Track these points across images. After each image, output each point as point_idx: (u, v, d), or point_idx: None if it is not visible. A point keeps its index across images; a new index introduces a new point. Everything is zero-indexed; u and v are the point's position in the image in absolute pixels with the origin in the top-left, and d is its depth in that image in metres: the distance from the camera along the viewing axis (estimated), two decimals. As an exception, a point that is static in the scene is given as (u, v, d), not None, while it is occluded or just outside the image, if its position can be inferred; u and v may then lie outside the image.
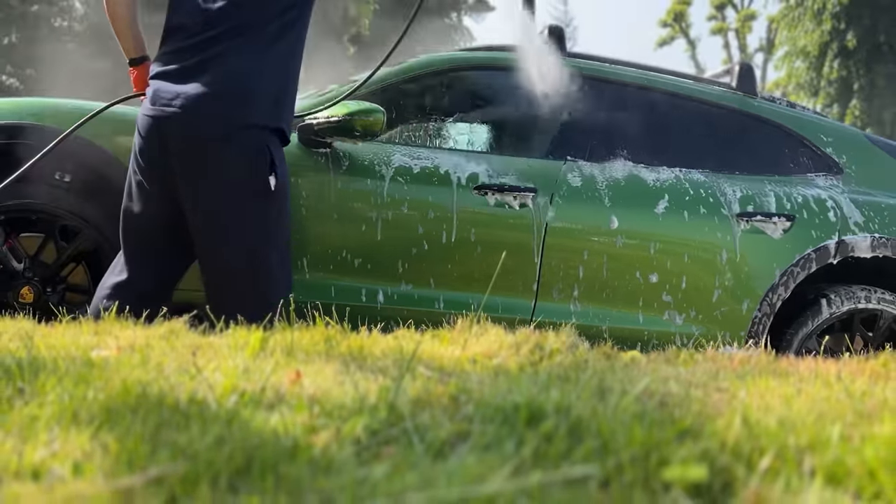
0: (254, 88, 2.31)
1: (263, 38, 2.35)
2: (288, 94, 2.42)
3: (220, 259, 2.36)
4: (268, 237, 2.37)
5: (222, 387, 1.17)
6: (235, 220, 2.33)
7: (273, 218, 2.36)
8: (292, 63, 2.42)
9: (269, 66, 2.35)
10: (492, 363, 1.48)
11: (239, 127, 2.29)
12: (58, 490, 0.82)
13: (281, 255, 2.41)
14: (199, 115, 2.27)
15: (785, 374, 1.55)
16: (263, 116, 2.32)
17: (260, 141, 2.31)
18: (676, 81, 3.41)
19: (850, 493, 0.87)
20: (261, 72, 2.33)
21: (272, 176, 2.31)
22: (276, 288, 2.36)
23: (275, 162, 2.32)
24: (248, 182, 2.31)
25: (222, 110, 2.28)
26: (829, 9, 15.59)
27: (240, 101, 2.29)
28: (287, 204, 2.43)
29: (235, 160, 2.29)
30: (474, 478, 0.84)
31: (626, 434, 0.96)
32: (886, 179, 3.41)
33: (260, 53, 2.34)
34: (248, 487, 0.85)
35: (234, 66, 2.31)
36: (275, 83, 2.36)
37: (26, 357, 1.33)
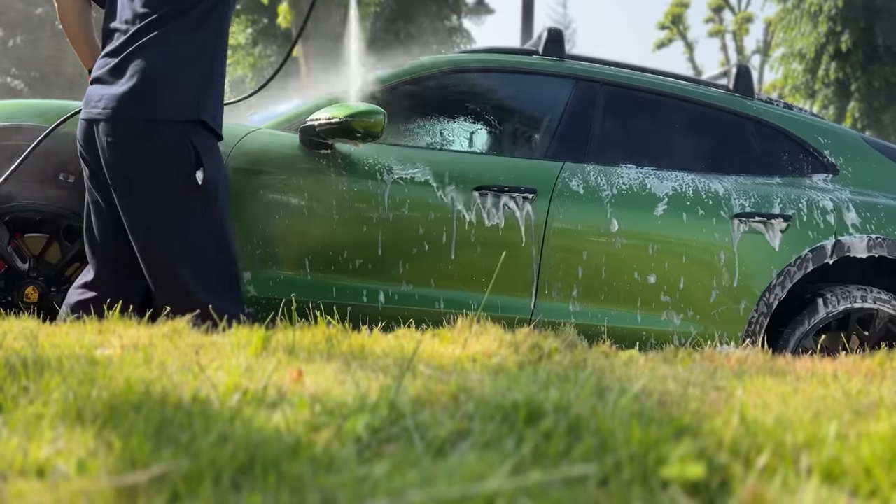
0: (169, 83, 2.29)
1: (178, 30, 2.32)
2: (211, 85, 2.37)
3: (150, 259, 2.34)
4: (199, 234, 2.33)
5: (225, 385, 1.17)
6: (159, 219, 2.31)
7: (202, 214, 2.32)
8: (213, 53, 2.38)
9: (186, 58, 2.32)
10: (491, 362, 1.48)
11: (156, 123, 2.26)
12: (62, 487, 0.82)
13: (217, 253, 2.36)
14: (119, 116, 2.27)
15: (782, 372, 1.55)
16: (182, 111, 2.29)
17: (181, 136, 2.28)
18: (674, 83, 3.40)
19: (847, 490, 0.87)
20: (176, 66, 2.30)
21: (199, 171, 2.27)
22: (211, 291, 2.32)
23: (200, 156, 2.28)
24: (170, 179, 2.28)
25: (138, 109, 2.26)
26: (826, 11, 15.57)
27: (155, 97, 2.27)
28: (220, 199, 2.37)
29: (155, 158, 2.27)
30: (474, 476, 0.84)
31: (624, 432, 0.96)
32: (882, 180, 3.41)
33: (175, 47, 2.31)
34: (251, 485, 0.85)
35: (149, 62, 2.29)
36: (193, 75, 2.32)
37: (31, 356, 1.33)
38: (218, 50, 2.40)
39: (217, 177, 2.35)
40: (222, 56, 2.43)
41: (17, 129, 2.64)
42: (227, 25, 2.44)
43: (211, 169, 2.32)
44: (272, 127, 2.93)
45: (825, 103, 16.29)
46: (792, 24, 16.76)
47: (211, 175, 2.31)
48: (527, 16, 9.23)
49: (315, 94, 3.24)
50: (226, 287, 2.38)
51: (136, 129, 2.27)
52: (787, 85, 16.98)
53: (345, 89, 2.90)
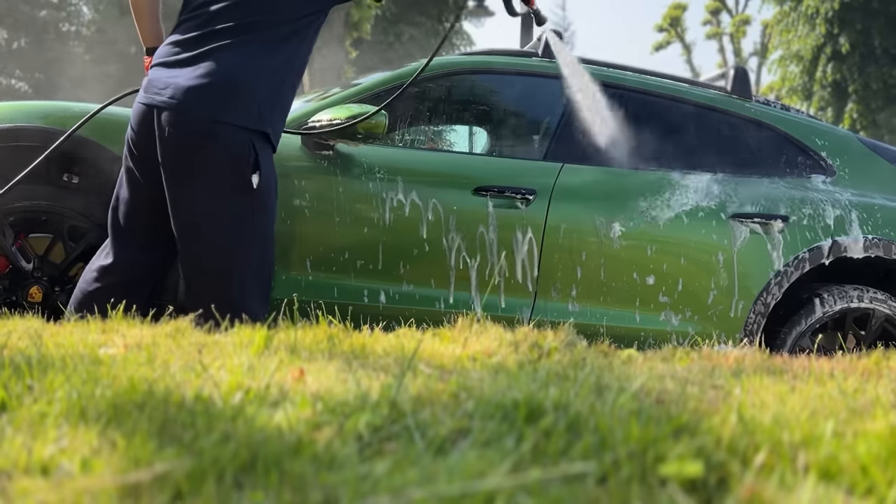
0: (243, 88, 2.26)
1: (261, 40, 2.30)
2: (279, 99, 2.35)
3: (193, 256, 2.32)
4: (245, 238, 2.31)
5: (227, 384, 1.18)
6: (211, 218, 2.29)
7: (252, 219, 2.30)
8: (289, 70, 2.36)
9: (264, 68, 2.30)
10: (491, 361, 1.48)
11: (219, 124, 2.24)
12: (66, 485, 0.82)
13: (258, 261, 2.34)
14: (184, 108, 2.23)
15: (779, 371, 1.55)
16: (249, 118, 2.27)
17: (243, 140, 2.25)
18: (672, 85, 3.40)
19: (844, 488, 0.87)
20: (253, 73, 2.28)
21: (255, 175, 2.26)
22: (246, 296, 2.30)
23: (259, 161, 2.27)
24: (227, 179, 2.26)
25: (205, 106, 2.23)
26: (823, 13, 15.56)
27: (223, 99, 2.24)
28: (269, 209, 2.35)
29: (215, 155, 2.25)
30: (475, 473, 0.84)
31: (623, 431, 0.96)
32: (879, 181, 3.41)
33: (256, 55, 2.29)
34: (253, 483, 0.85)
35: (227, 63, 2.26)
36: (266, 87, 2.30)
37: (35, 355, 1.33)
38: (292, 68, 2.37)
39: (271, 185, 2.33)
40: (297, 75, 2.41)
41: (21, 130, 2.64)
42: (307, 47, 2.41)
43: (266, 175, 2.30)
44: (274, 128, 2.92)
45: (822, 105, 16.28)
46: (789, 26, 16.76)
47: (265, 181, 2.29)
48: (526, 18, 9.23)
49: (317, 96, 3.24)
50: (260, 297, 2.35)
51: (199, 124, 2.23)
52: (785, 87, 16.99)
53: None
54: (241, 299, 2.26)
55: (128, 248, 2.41)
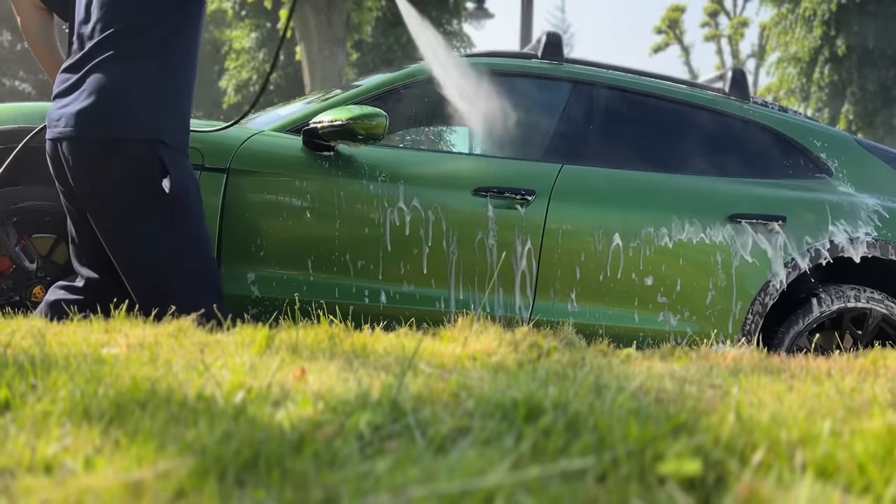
0: (126, 101, 2.25)
1: (137, 49, 2.28)
2: (171, 105, 2.32)
3: (130, 270, 2.32)
4: (172, 241, 2.31)
5: (229, 383, 1.18)
6: (134, 230, 2.29)
7: (174, 221, 2.29)
8: (175, 74, 2.33)
9: (145, 77, 2.28)
10: (491, 360, 1.48)
11: (116, 142, 2.23)
12: (70, 484, 0.82)
13: (192, 259, 2.34)
14: (78, 135, 2.24)
15: (777, 371, 1.55)
16: (139, 130, 2.25)
17: (143, 149, 2.24)
18: (671, 87, 3.41)
19: (841, 486, 0.87)
20: (134, 84, 2.26)
21: (166, 179, 2.24)
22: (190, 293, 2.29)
23: (166, 166, 2.24)
24: (139, 190, 2.25)
25: (97, 127, 2.23)
26: (820, 15, 15.56)
27: (112, 115, 2.23)
28: (191, 209, 2.32)
29: (120, 172, 2.25)
30: (475, 471, 0.84)
31: (622, 429, 0.96)
32: (876, 182, 3.41)
33: (133, 65, 2.27)
34: (255, 481, 0.85)
35: (106, 80, 2.24)
36: (151, 95, 2.28)
37: (39, 354, 1.33)
38: (182, 71, 2.34)
39: (187, 185, 2.31)
40: (187, 77, 2.36)
41: (24, 131, 2.64)
42: (193, 48, 2.37)
43: (178, 178, 2.27)
44: (276, 129, 2.93)
45: (819, 106, 16.28)
46: (787, 28, 16.77)
47: (178, 184, 2.27)
48: (526, 20, 9.24)
49: (318, 98, 3.25)
50: (206, 291, 2.34)
51: (96, 146, 2.24)
52: (782, 88, 16.98)
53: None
54: (184, 298, 2.24)
55: (93, 271, 2.42)
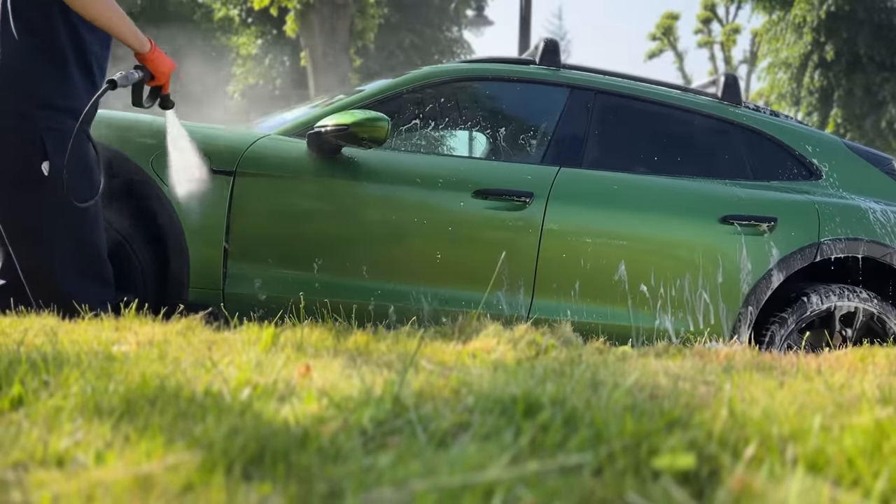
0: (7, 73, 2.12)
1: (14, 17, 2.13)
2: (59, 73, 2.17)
3: (12, 253, 2.23)
4: (53, 224, 2.20)
5: (236, 380, 1.18)
6: (11, 211, 2.19)
7: (50, 207, 2.18)
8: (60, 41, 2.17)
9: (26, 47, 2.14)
10: (490, 358, 1.48)
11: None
12: (81, 477, 0.82)
13: (74, 246, 2.23)
14: None
15: (768, 368, 1.55)
16: (22, 101, 2.12)
17: (24, 128, 2.13)
18: (665, 92, 3.40)
19: (831, 480, 0.87)
20: (14, 55, 2.13)
21: (45, 163, 2.13)
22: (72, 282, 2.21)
23: (46, 148, 2.13)
24: (15, 171, 2.15)
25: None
26: (810, 22, 15.55)
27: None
28: (76, 191, 2.17)
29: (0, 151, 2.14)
30: (475, 466, 0.84)
31: (618, 425, 0.96)
32: (865, 184, 3.41)
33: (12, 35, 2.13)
34: (261, 474, 0.85)
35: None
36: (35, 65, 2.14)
37: (51, 352, 1.33)
38: (66, 38, 2.19)
39: (72, 169, 2.15)
40: (75, 44, 2.21)
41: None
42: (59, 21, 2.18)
43: (58, 160, 2.14)
44: (281, 133, 2.93)
45: (809, 110, 16.28)
46: (778, 35, 16.76)
47: (59, 167, 2.14)
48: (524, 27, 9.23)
49: (322, 102, 3.25)
50: (90, 279, 2.26)
51: None
52: (773, 93, 16.98)
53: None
54: (68, 285, 2.19)
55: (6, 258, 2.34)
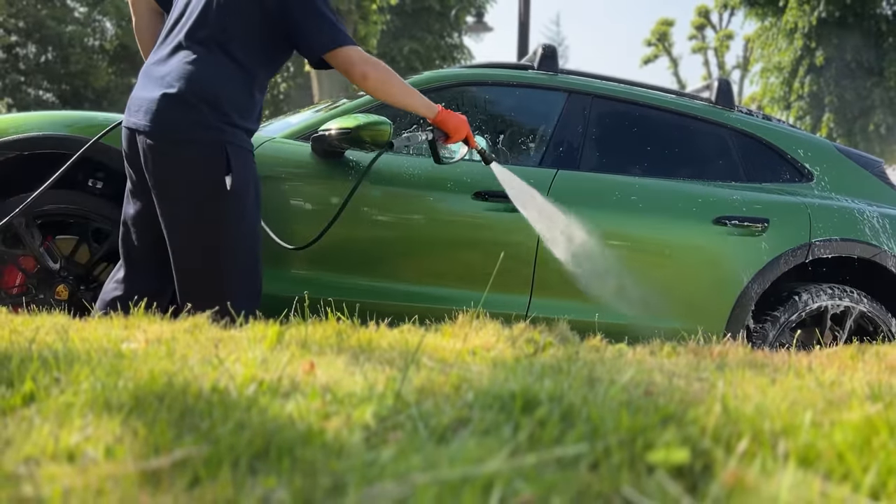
0: (204, 95, 2.22)
1: (219, 48, 2.26)
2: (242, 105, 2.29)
3: (178, 259, 2.29)
4: (225, 238, 2.27)
5: (242, 377, 1.18)
6: (193, 222, 2.26)
7: (230, 219, 2.26)
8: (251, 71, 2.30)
9: (223, 73, 2.25)
10: (490, 355, 1.48)
11: (191, 137, 2.22)
12: (91, 471, 0.82)
13: (244, 260, 2.31)
14: (156, 128, 2.22)
15: (760, 365, 1.55)
16: (214, 121, 2.22)
17: (213, 143, 2.22)
18: (660, 96, 3.40)
19: (821, 474, 0.87)
20: (213, 79, 2.24)
21: (228, 177, 2.22)
22: (235, 290, 2.27)
23: (230, 163, 2.23)
24: (202, 185, 2.23)
25: (176, 121, 2.21)
26: (801, 28, 15.54)
27: (190, 106, 2.21)
28: (248, 208, 2.29)
29: (189, 162, 2.23)
30: (474, 460, 0.84)
31: (613, 420, 0.96)
32: (855, 186, 3.41)
33: (214, 62, 2.25)
34: (267, 469, 0.85)
35: (188, 73, 2.23)
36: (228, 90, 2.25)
37: (62, 349, 1.33)
38: (255, 72, 2.32)
39: (248, 185, 2.29)
40: (262, 74, 2.35)
41: (48, 138, 2.65)
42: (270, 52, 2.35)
43: (241, 177, 2.25)
44: (286, 137, 2.93)
45: (800, 114, 16.27)
46: (770, 40, 16.76)
47: (240, 182, 2.25)
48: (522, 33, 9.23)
49: (326, 106, 3.25)
50: (249, 295, 2.32)
51: (170, 141, 2.22)
52: (766, 97, 16.97)
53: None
54: (229, 297, 2.22)
55: (139, 273, 2.39)
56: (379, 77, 2.37)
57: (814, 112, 16.02)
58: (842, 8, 14.93)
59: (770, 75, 16.86)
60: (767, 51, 16.82)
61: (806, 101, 16.06)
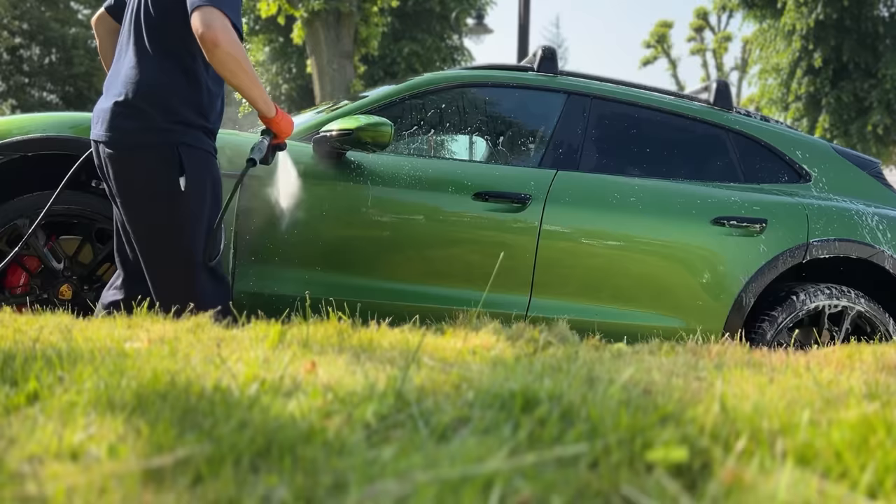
0: (150, 96, 2.22)
1: (155, 46, 2.25)
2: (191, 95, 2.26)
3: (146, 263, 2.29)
4: (184, 239, 2.26)
5: (244, 376, 1.18)
6: (147, 224, 2.26)
7: (187, 220, 2.25)
8: (191, 65, 2.27)
9: (164, 71, 2.24)
10: (490, 354, 1.48)
11: (141, 135, 2.22)
12: (94, 470, 0.82)
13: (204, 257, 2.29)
14: (108, 132, 2.24)
15: (758, 364, 1.55)
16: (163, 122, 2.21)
17: (164, 145, 2.21)
18: (659, 97, 3.40)
19: (819, 472, 0.87)
20: (155, 79, 2.23)
21: (182, 178, 2.21)
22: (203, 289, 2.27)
23: (183, 164, 2.21)
24: (155, 185, 2.22)
25: (125, 122, 2.22)
26: (799, 30, 15.53)
27: (138, 110, 2.21)
28: (205, 208, 2.28)
29: (142, 166, 2.23)
30: (475, 458, 0.84)
31: (613, 419, 0.96)
32: (852, 187, 3.41)
33: (153, 61, 2.24)
34: (268, 467, 0.85)
35: (131, 77, 2.24)
36: (172, 88, 2.24)
37: (65, 348, 1.33)
38: (196, 62, 2.28)
39: (204, 185, 2.27)
40: (208, 74, 2.31)
41: (52, 139, 2.65)
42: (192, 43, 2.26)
43: (196, 177, 2.24)
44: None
45: (798, 115, 16.26)
46: (768, 42, 16.75)
47: (195, 183, 2.23)
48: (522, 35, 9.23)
49: (328, 108, 3.25)
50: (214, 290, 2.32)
51: (124, 141, 2.22)
52: (763, 98, 16.97)
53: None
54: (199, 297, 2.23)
55: (135, 269, 2.39)
56: (231, 52, 2.14)
57: (811, 113, 16.01)
58: (839, 10, 14.92)
59: (768, 77, 16.84)
60: (765, 52, 16.81)
61: (803, 103, 16.05)
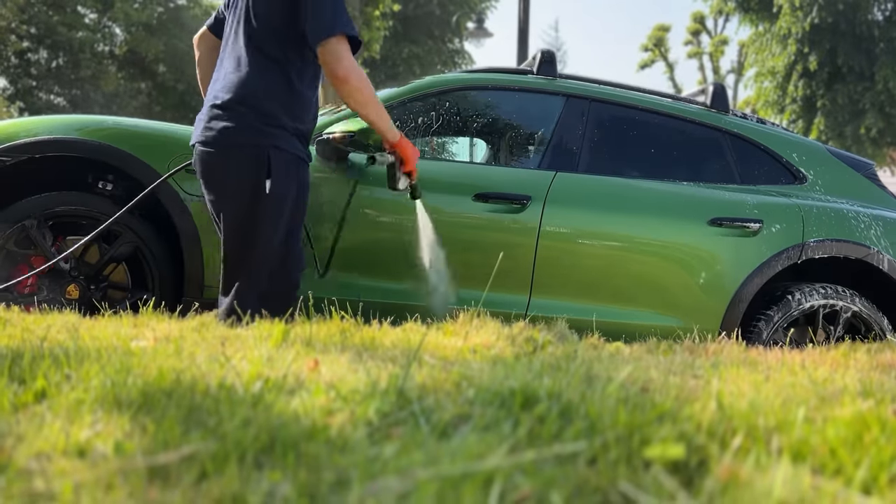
0: (247, 105, 2.26)
1: (259, 59, 2.29)
2: (290, 111, 2.31)
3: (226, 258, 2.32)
4: (257, 239, 2.28)
5: (248, 374, 1.18)
6: (235, 220, 2.29)
7: (266, 221, 2.27)
8: (290, 79, 2.32)
9: (264, 83, 2.28)
10: (490, 353, 1.48)
11: (233, 136, 2.25)
12: (101, 466, 0.82)
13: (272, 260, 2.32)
14: (203, 134, 2.29)
15: (754, 363, 1.55)
16: (258, 123, 2.26)
17: (255, 147, 2.25)
18: (656, 100, 3.40)
19: (814, 469, 0.87)
20: (254, 90, 2.27)
21: (268, 181, 2.25)
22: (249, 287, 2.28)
23: (271, 167, 2.25)
24: (243, 187, 2.26)
25: (218, 125, 2.26)
26: (794, 34, 15.51)
27: (232, 112, 2.25)
28: (286, 212, 2.31)
29: (230, 165, 2.27)
30: (475, 455, 0.84)
31: (611, 416, 0.96)
32: (847, 188, 3.41)
33: (255, 73, 2.28)
34: (272, 464, 0.85)
35: (228, 83, 2.28)
36: (269, 99, 2.28)
37: (72, 347, 1.33)
38: (292, 67, 2.32)
39: (288, 189, 2.30)
40: (299, 64, 2.34)
41: (60, 141, 2.65)
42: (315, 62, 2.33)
43: (280, 181, 2.27)
44: (291, 140, 2.92)
45: (793, 118, 16.25)
46: (763, 45, 16.74)
47: (279, 186, 2.27)
48: (522, 39, 9.23)
49: (330, 111, 3.25)
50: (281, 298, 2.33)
51: (219, 140, 2.26)
52: (760, 101, 16.96)
53: None
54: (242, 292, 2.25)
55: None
56: (359, 86, 2.29)
57: (806, 115, 16.00)
58: (834, 14, 14.91)
59: (764, 80, 16.83)
60: (761, 56, 16.80)
61: (799, 105, 16.04)
